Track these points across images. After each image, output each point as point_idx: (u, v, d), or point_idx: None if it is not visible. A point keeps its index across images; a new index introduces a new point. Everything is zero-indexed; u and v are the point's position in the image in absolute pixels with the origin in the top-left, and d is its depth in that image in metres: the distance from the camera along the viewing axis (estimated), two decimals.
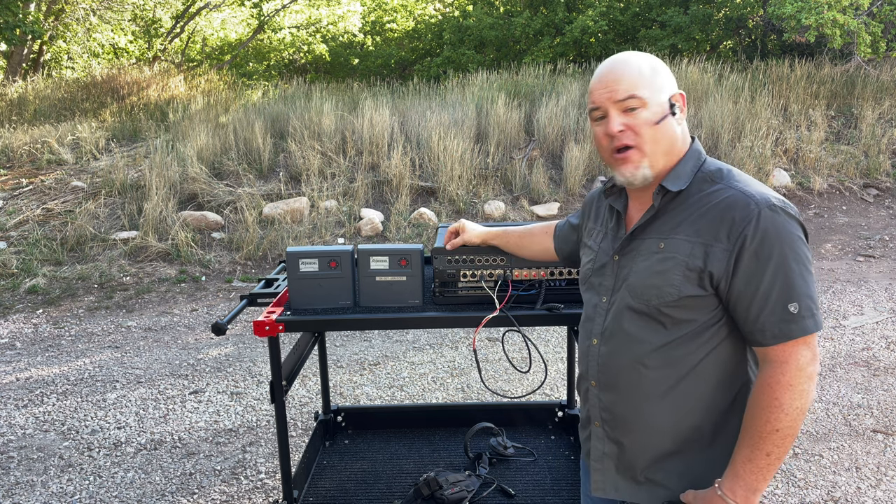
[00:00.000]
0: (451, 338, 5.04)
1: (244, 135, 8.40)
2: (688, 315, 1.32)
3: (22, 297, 5.97)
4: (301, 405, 3.99)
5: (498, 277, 1.99)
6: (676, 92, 1.36)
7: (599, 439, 1.47)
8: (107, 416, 3.88)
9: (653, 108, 1.32)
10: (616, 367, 1.40)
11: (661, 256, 1.33)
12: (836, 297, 5.76)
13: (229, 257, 6.78)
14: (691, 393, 1.35)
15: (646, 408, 1.37)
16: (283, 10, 15.49)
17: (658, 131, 1.33)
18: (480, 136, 8.68)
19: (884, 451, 3.40)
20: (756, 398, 1.27)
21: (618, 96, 1.32)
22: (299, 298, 2.01)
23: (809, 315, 1.25)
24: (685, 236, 1.31)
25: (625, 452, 1.42)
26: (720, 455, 1.36)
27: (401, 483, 2.49)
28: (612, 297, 1.42)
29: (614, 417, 1.43)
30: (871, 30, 9.78)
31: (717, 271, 1.27)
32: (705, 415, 1.36)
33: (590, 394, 1.48)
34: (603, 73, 1.36)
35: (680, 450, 1.38)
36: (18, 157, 8.50)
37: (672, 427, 1.37)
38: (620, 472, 1.44)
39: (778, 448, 1.25)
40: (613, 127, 1.32)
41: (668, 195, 1.35)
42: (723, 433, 1.37)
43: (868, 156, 8.98)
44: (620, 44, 13.33)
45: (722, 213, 1.28)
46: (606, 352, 1.42)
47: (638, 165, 1.34)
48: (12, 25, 10.18)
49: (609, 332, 1.42)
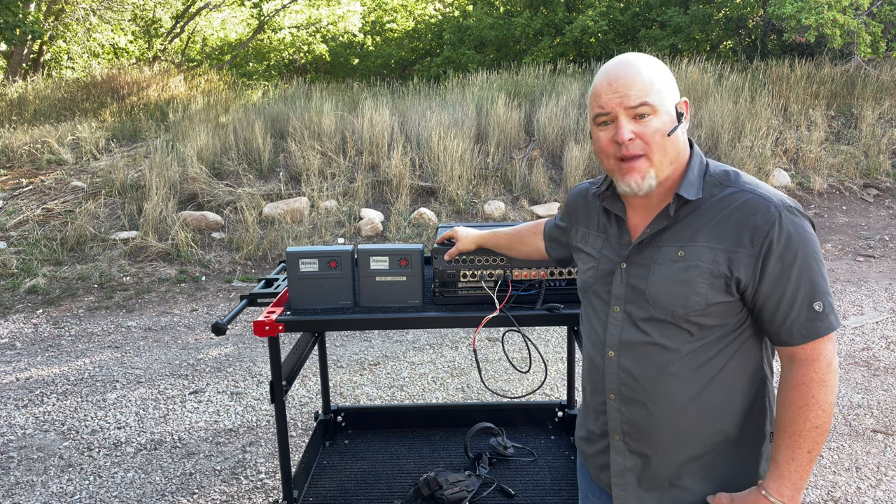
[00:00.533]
0: (451, 338, 5.04)
1: (244, 135, 8.40)
2: (714, 321, 1.30)
3: (22, 297, 5.97)
4: (301, 405, 3.99)
5: (498, 277, 1.99)
6: (681, 99, 1.34)
7: (620, 453, 1.42)
8: (107, 416, 3.88)
9: (663, 118, 1.28)
10: (641, 378, 1.36)
11: (683, 265, 1.30)
12: (837, 297, 5.76)
13: (229, 257, 6.78)
14: (717, 397, 1.34)
15: (673, 417, 1.35)
16: (283, 10, 15.49)
17: (669, 142, 1.29)
18: (480, 136, 8.68)
19: (884, 451, 3.40)
20: (791, 398, 1.27)
21: (630, 102, 1.27)
22: (299, 298, 2.01)
23: (832, 311, 1.27)
24: (705, 243, 1.29)
25: (649, 465, 1.39)
26: (744, 455, 1.36)
27: (401, 483, 2.49)
28: (627, 306, 1.37)
29: (638, 430, 1.39)
30: (871, 30, 9.78)
31: (744, 277, 1.26)
32: (730, 416, 1.35)
33: (608, 407, 1.42)
34: (612, 77, 1.30)
35: (706, 453, 1.36)
36: (18, 157, 8.50)
37: (698, 432, 1.35)
38: (643, 485, 1.41)
39: (817, 444, 1.26)
40: (624, 135, 1.27)
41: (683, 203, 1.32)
42: (745, 432, 1.37)
43: (868, 156, 8.98)
44: (620, 44, 13.33)
45: (742, 218, 1.27)
46: (628, 364, 1.37)
47: (645, 175, 1.30)
48: (12, 25, 10.18)
49: (629, 344, 1.37)
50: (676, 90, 1.34)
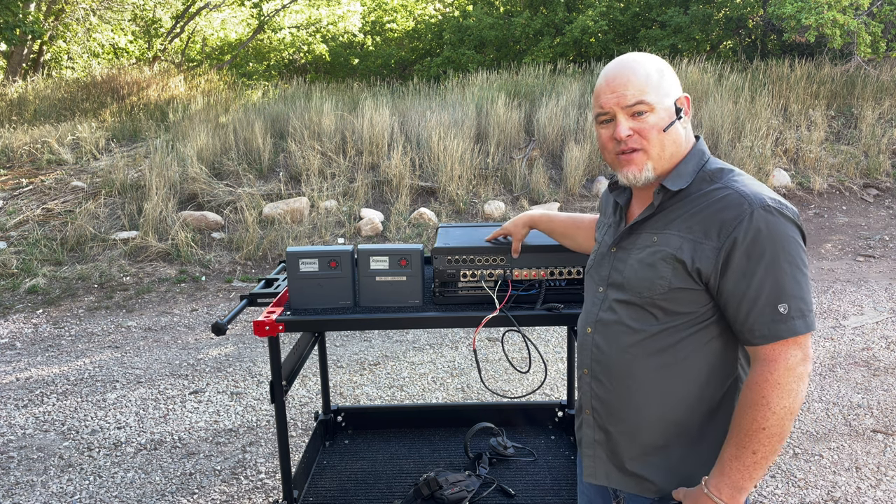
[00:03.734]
0: (451, 338, 5.04)
1: (244, 135, 8.40)
2: (680, 307, 1.34)
3: (22, 297, 5.97)
4: (301, 405, 3.99)
5: (498, 277, 1.99)
6: (682, 95, 1.39)
7: (590, 427, 1.49)
8: (107, 416, 3.88)
9: (660, 114, 1.34)
10: (607, 356, 1.43)
11: (653, 249, 1.36)
12: (836, 297, 5.76)
13: (229, 257, 6.78)
14: (679, 386, 1.37)
15: (633, 398, 1.40)
16: (283, 10, 15.49)
17: (666, 137, 1.36)
18: (480, 136, 8.68)
19: (884, 451, 3.40)
20: (745, 396, 1.28)
21: (626, 102, 1.34)
22: (299, 298, 2.01)
23: (799, 316, 1.24)
24: (676, 231, 1.34)
25: (612, 441, 1.45)
26: (707, 453, 1.36)
27: (401, 483, 2.49)
28: (608, 288, 1.45)
29: (604, 405, 1.45)
30: (871, 30, 9.78)
31: (704, 269, 1.29)
32: (693, 410, 1.37)
33: (582, 382, 1.51)
34: (610, 77, 1.37)
35: (667, 444, 1.39)
36: (18, 157, 8.50)
37: (659, 419, 1.38)
38: (611, 459, 1.46)
39: (764, 447, 1.25)
40: (622, 132, 1.35)
41: (667, 193, 1.38)
42: (710, 431, 1.38)
43: (868, 156, 8.98)
44: (620, 44, 13.33)
45: (715, 212, 1.30)
46: (599, 341, 1.45)
47: (641, 168, 1.37)
48: (12, 25, 10.18)
49: (602, 322, 1.45)
50: (677, 86, 1.39)
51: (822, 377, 4.25)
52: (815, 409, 3.85)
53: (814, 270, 6.57)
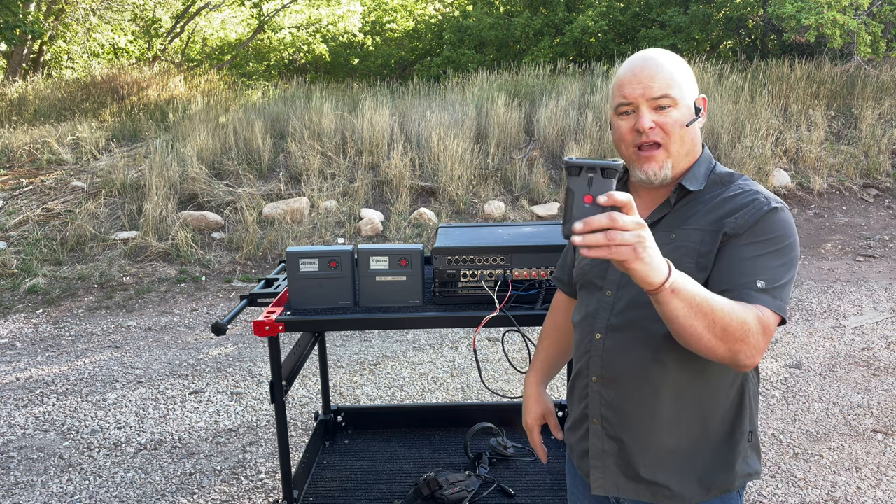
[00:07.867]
0: (451, 338, 5.04)
1: (244, 135, 8.40)
2: None
3: (22, 297, 5.97)
4: (301, 405, 3.99)
5: (498, 277, 1.99)
6: (700, 95, 1.40)
7: (598, 437, 1.44)
8: (107, 416, 3.88)
9: (683, 110, 1.34)
10: (623, 361, 1.38)
11: (673, 246, 1.34)
12: (836, 297, 5.76)
13: (229, 257, 6.78)
14: (699, 390, 1.35)
15: (650, 403, 1.36)
16: (283, 10, 15.49)
17: (686, 133, 1.36)
18: (480, 136, 8.68)
19: (884, 451, 3.40)
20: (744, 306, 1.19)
21: (652, 93, 1.32)
22: (299, 298, 2.01)
23: (776, 297, 1.23)
24: (695, 226, 1.34)
25: (625, 450, 1.41)
26: (720, 452, 1.36)
27: (401, 483, 2.49)
28: (619, 291, 1.40)
29: (616, 413, 1.41)
30: (871, 30, 9.78)
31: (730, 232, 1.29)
32: (708, 413, 1.36)
33: (590, 390, 1.44)
34: (636, 69, 1.35)
35: (681, 447, 1.37)
36: (18, 157, 8.50)
37: (675, 424, 1.36)
38: (621, 469, 1.42)
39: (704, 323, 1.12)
40: (645, 123, 1.32)
41: (683, 192, 1.38)
42: (723, 430, 1.37)
43: (868, 156, 8.98)
44: (620, 44, 13.33)
45: (733, 206, 1.32)
46: (612, 346, 1.39)
47: (662, 165, 1.35)
48: (12, 25, 10.18)
49: (616, 326, 1.39)
50: (696, 86, 1.40)
51: (822, 377, 4.25)
52: (815, 409, 3.85)
53: (814, 270, 6.57)
